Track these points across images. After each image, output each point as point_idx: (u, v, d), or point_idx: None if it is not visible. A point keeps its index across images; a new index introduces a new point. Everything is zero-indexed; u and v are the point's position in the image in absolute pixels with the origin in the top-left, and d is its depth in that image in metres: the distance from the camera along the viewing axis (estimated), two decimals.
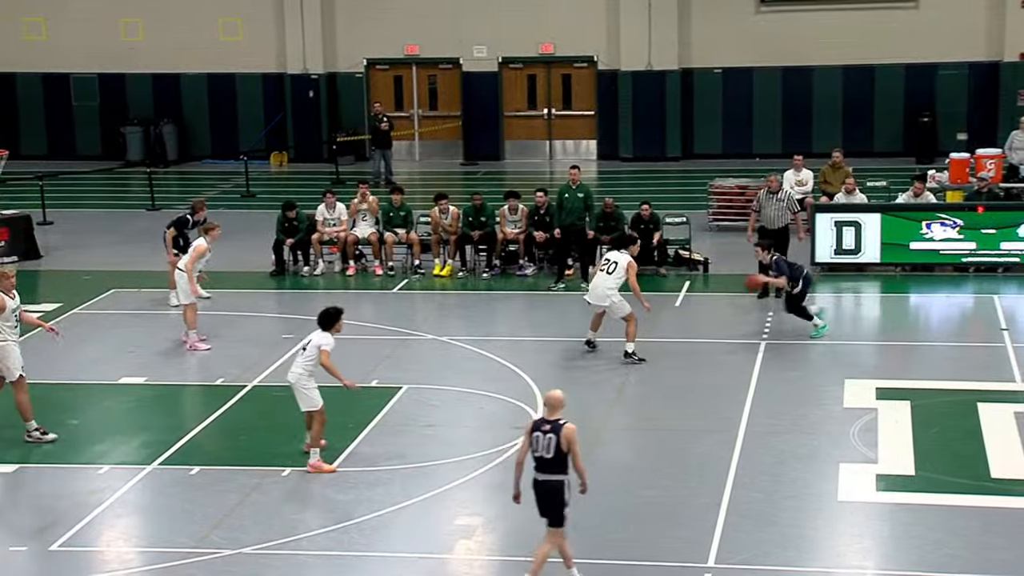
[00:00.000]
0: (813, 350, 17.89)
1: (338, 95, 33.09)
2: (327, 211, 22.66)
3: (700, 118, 31.96)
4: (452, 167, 32.25)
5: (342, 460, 14.08)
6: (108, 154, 33.03)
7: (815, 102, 31.43)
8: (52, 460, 14.25)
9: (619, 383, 16.42)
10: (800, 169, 24.70)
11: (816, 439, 14.49)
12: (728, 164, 30.02)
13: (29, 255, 23.58)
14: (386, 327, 19.13)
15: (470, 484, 13.52)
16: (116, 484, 13.64)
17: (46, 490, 13.57)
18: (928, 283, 21.18)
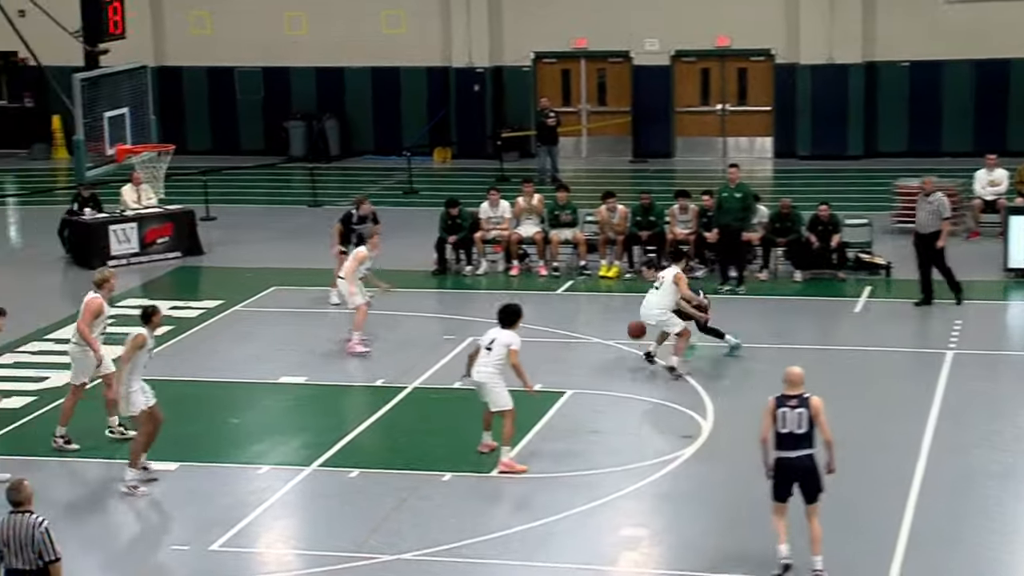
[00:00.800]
0: (1006, 362, 17.40)
1: (504, 89, 33.30)
2: (491, 209, 22.84)
3: (884, 114, 31.33)
4: (620, 164, 32.19)
5: (502, 467, 14.18)
6: (271, 149, 33.81)
7: (1011, 97, 30.53)
8: (213, 459, 14.66)
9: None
10: (993, 169, 24.06)
11: (1011, 456, 14.09)
12: (914, 163, 29.34)
13: (192, 251, 24.28)
14: (550, 329, 19.19)
15: (636, 494, 13.50)
16: (276, 485, 13.97)
17: (207, 489, 13.96)
18: None
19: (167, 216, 24.27)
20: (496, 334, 14.19)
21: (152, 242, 23.93)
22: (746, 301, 20.63)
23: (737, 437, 14.88)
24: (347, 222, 20.72)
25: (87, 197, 23.92)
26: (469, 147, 33.16)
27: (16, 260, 24.26)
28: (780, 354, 17.95)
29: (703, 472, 14.09)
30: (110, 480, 14.13)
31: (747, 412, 15.74)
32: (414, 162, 30.78)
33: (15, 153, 34.45)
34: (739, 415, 15.60)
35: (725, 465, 14.19)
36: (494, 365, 14.06)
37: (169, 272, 23.40)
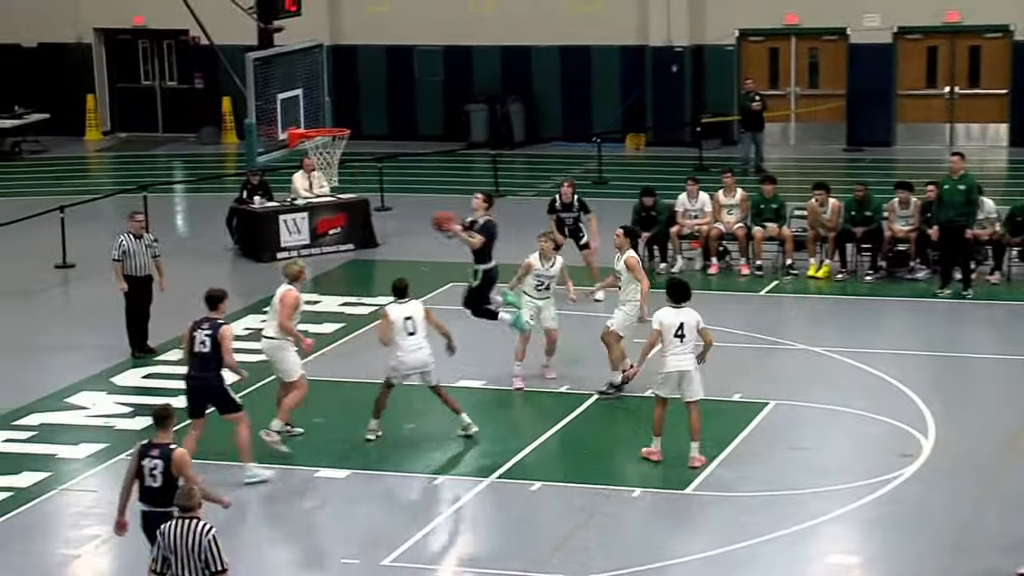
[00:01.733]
0: None
1: (704, 70, 33.09)
2: (688, 201, 22.74)
3: None
4: (833, 153, 31.72)
5: (698, 483, 14.13)
6: (451, 135, 34.19)
7: None
8: (385, 467, 14.90)
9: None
10: None
11: None
12: None
13: (366, 243, 24.71)
14: (751, 334, 19.04)
15: (846, 517, 13.31)
16: (451, 496, 14.14)
17: (378, 499, 14.20)
18: None
19: (340, 206, 24.73)
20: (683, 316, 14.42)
21: (324, 233, 24.42)
22: (973, 307, 20.15)
23: (963, 458, 14.55)
24: (552, 210, 20.83)
25: (256, 184, 24.51)
26: (665, 133, 33.04)
27: (183, 250, 24.99)
28: (1013, 367, 17.49)
29: (922, 496, 13.81)
30: (277, 486, 14.47)
31: (974, 429, 15.41)
32: (605, 149, 30.80)
33: (183, 137, 35.55)
34: (965, 432, 15.25)
35: (947, 489, 13.88)
36: (694, 349, 14.41)
37: (341, 265, 23.86)
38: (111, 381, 17.77)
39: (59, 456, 15.40)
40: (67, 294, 22.93)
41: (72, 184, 30.16)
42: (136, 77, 36.47)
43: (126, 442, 15.50)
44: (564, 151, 32.99)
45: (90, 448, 15.55)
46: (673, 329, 14.28)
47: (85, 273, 23.15)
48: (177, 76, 36.34)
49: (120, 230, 19.14)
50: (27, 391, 17.35)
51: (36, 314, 21.19)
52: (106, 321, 20.15)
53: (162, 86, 36.48)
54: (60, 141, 34.71)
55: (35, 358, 18.96)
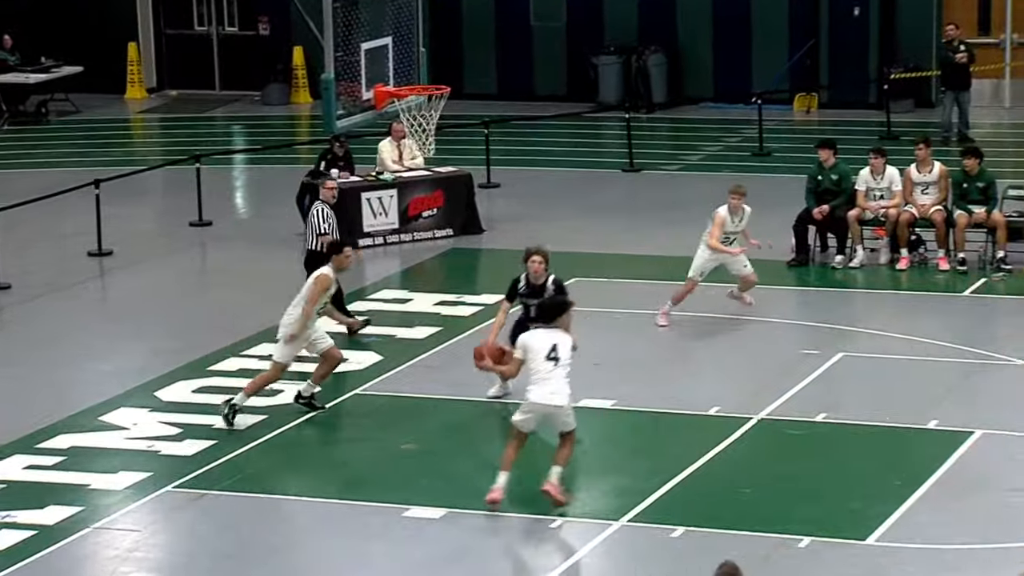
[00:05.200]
0: None
1: (895, 14, 32.80)
2: (873, 179, 22.53)
3: None
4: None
5: (885, 530, 14.00)
6: (574, 95, 34.22)
7: None
8: (490, 506, 14.90)
9: None
10: None
11: None
12: None
13: (468, 228, 24.76)
14: (952, 345, 18.83)
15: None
16: (573, 544, 14.12)
17: (481, 546, 14.21)
18: None
19: (437, 181, 24.83)
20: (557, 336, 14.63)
21: (416, 215, 24.53)
22: None
23: None
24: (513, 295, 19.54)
25: (341, 156, 24.59)
26: (843, 93, 32.84)
27: (244, 235, 25.28)
28: None
29: None
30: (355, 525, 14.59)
31: None
32: (767, 113, 30.65)
33: (246, 95, 35.96)
34: None
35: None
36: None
37: (438, 256, 23.95)
38: (155, 395, 17.99)
39: (93, 487, 15.61)
40: (103, 289, 23.27)
41: (110, 153, 30.64)
42: (189, 22, 36.95)
43: (173, 470, 15.69)
44: (716, 115, 32.87)
45: (130, 477, 15.74)
46: (544, 352, 14.40)
47: (125, 262, 23.48)
48: (238, 21, 36.76)
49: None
50: (55, 407, 17.61)
51: (65, 314, 21.51)
52: (149, 322, 20.43)
53: (220, 33, 36.91)
54: (95, 100, 35.28)
55: (63, 368, 19.25)
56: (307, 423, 16.97)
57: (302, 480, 15.68)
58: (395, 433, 16.56)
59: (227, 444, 16.37)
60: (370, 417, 17.33)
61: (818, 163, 22.68)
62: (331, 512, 14.88)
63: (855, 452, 15.99)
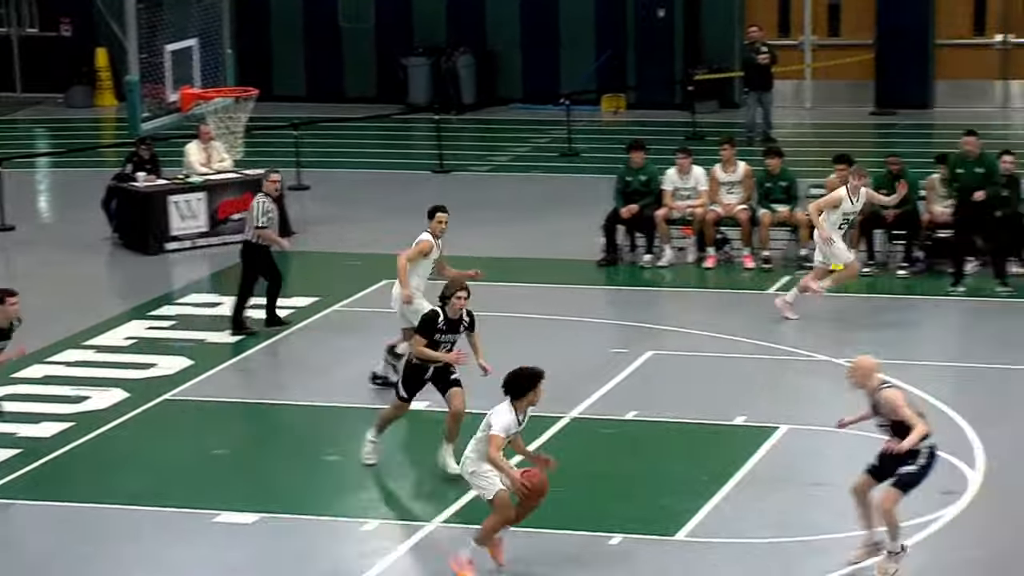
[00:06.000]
0: None
1: (699, 16, 33.18)
2: (679, 178, 22.77)
3: None
4: (859, 118, 31.88)
5: (694, 526, 14.15)
6: (384, 96, 34.17)
7: None
8: (304, 510, 14.84)
9: None
10: None
11: None
12: None
13: (279, 231, 24.58)
14: (758, 342, 19.08)
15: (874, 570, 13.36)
16: (387, 546, 14.10)
17: (297, 550, 14.14)
18: None
19: (246, 184, 24.62)
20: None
21: (226, 219, 24.33)
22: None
23: (1018, 496, 14.62)
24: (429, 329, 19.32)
25: (147, 159, 24.32)
26: (650, 94, 33.13)
27: (48, 239, 24.89)
28: None
29: (967, 542, 13.87)
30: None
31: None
32: (576, 113, 30.84)
33: (49, 97, 35.37)
34: (1021, 463, 15.34)
35: (997, 534, 13.95)
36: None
37: None
38: None
39: None
40: None
41: None
42: None
43: None
44: (525, 116, 33.01)
45: None
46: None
47: None
48: (39, 22, 36.18)
49: None
50: None
51: None
52: None
53: (20, 34, 36.29)
54: None
55: None
56: (116, 428, 16.74)
57: (111, 487, 15.46)
58: (205, 438, 16.41)
59: (32, 453, 16.11)
60: (180, 422, 17.16)
61: (627, 164, 22.88)
62: (140, 519, 14.69)
63: (665, 449, 16.16)
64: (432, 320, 15.20)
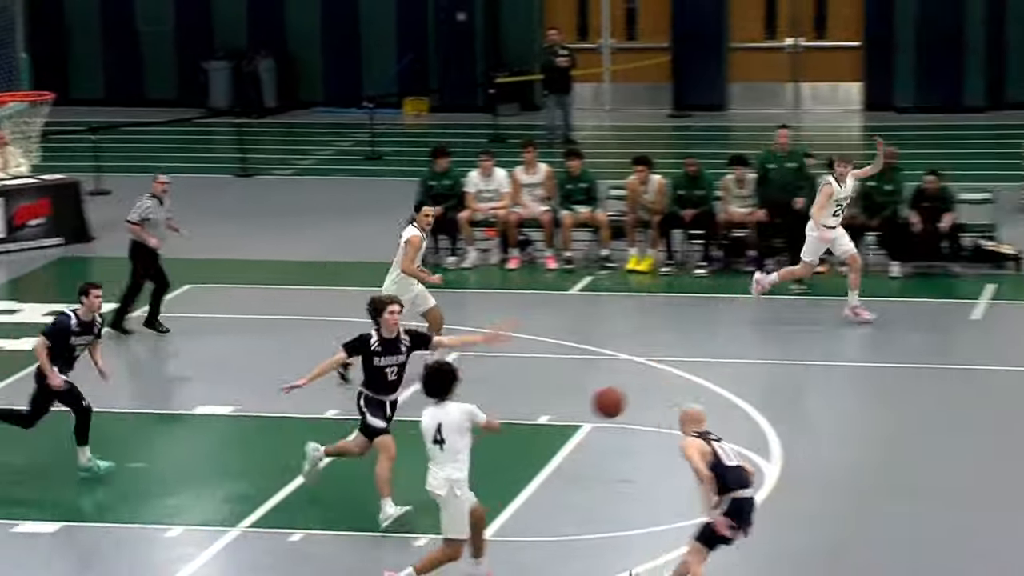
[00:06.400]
0: None
1: (499, 20, 33.32)
2: (482, 181, 22.86)
3: (1017, 51, 31.35)
4: (656, 119, 32.23)
5: (501, 524, 14.20)
6: (185, 99, 33.84)
7: None
8: (105, 518, 14.65)
9: (893, 421, 16.22)
10: None
11: None
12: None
13: (77, 237, 24.29)
14: (562, 342, 19.21)
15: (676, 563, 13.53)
16: (190, 553, 13.95)
17: (97, 558, 13.97)
18: None
19: (43, 189, 24.31)
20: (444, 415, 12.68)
21: (23, 224, 23.97)
22: (817, 303, 20.67)
23: (813, 486, 14.89)
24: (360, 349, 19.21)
25: None
26: (452, 97, 33.22)
27: None
28: (871, 374, 17.98)
29: (766, 534, 14.09)
30: None
31: (826, 451, 15.80)
32: (379, 117, 30.81)
33: None
34: (815, 455, 15.61)
35: (796, 524, 14.19)
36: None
37: (46, 265, 23.41)
38: None
39: None
40: None
41: None
42: None
43: None
44: (328, 119, 32.90)
45: None
46: (430, 433, 12.78)
47: None
48: None
49: None
50: None
51: None
52: None
53: None
54: None
55: None
56: None
57: None
58: (3, 448, 16.10)
59: None
60: None
61: (431, 168, 22.92)
62: None
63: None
64: (364, 341, 14.16)
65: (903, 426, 16.31)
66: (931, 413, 16.84)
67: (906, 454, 15.65)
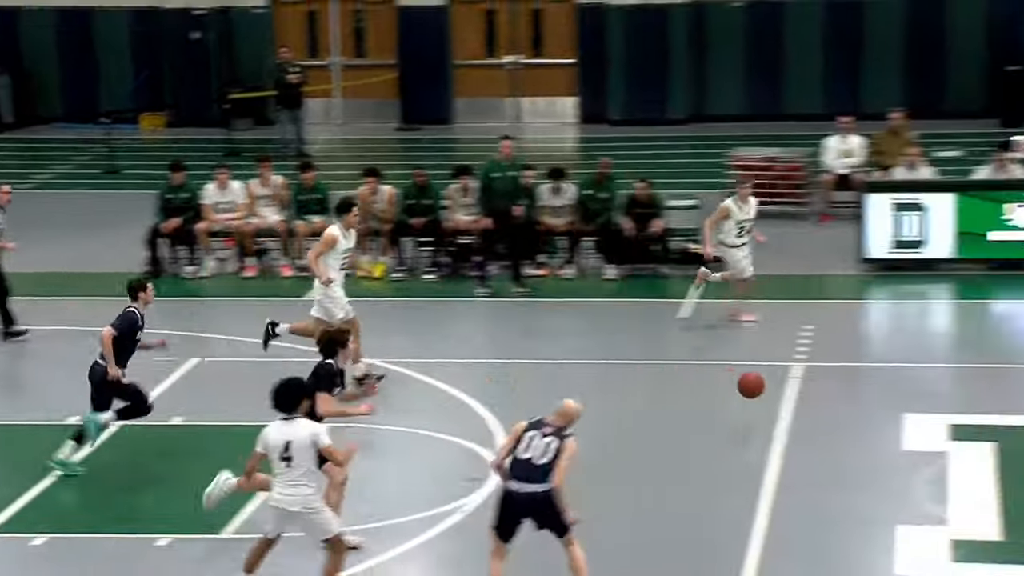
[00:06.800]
0: (864, 376, 18.02)
1: (232, 38, 33.02)
2: (218, 193, 22.63)
3: (715, 68, 32.07)
4: (385, 133, 32.23)
5: (240, 523, 14.07)
6: None
7: (867, 45, 31.58)
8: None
9: (613, 416, 16.48)
10: (848, 135, 24.86)
11: (867, 494, 14.61)
12: (752, 128, 30.15)
13: None
14: (298, 346, 19.11)
15: (407, 557, 13.55)
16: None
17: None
18: (1013, 285, 21.37)
19: None
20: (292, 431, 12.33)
21: None
22: (540, 305, 20.90)
23: None
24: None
25: None
26: (188, 112, 32.81)
27: None
28: (586, 371, 18.24)
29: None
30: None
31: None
32: (116, 132, 30.30)
33: None
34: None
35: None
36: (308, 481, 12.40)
37: None
38: None
39: None
40: None
41: None
42: None
43: None
44: (65, 135, 32.25)
45: None
46: (278, 450, 12.32)
47: None
48: None
49: None
50: None
51: None
52: None
53: None
54: None
55: None
56: None
57: None
58: None
59: None
60: None
61: (168, 181, 22.67)
62: None
63: (210, 452, 15.99)
64: (334, 374, 13.83)
65: (621, 417, 16.57)
66: (645, 403, 17.15)
67: (622, 442, 15.91)
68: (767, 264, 20.92)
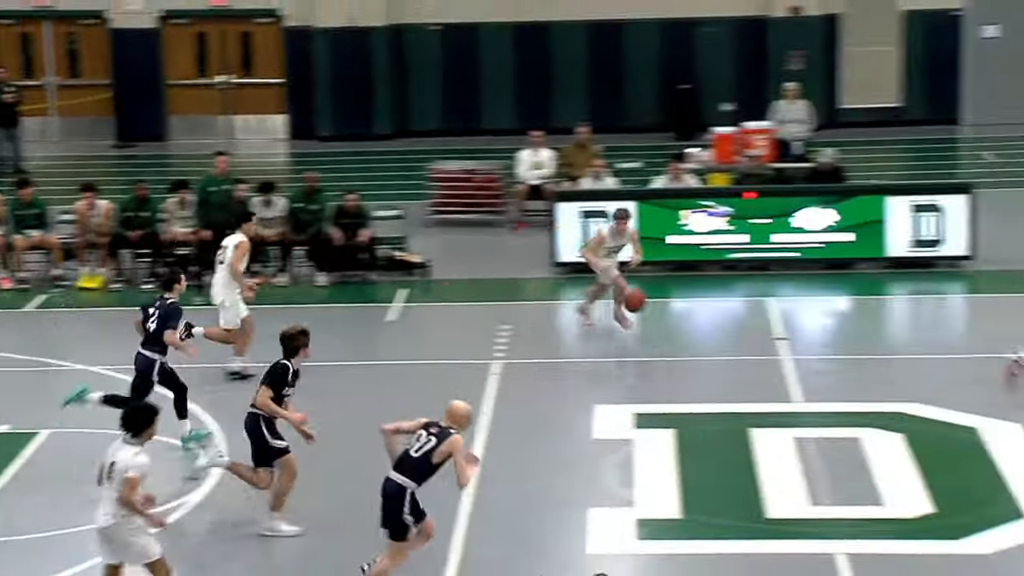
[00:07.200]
0: (558, 370, 18.46)
1: None
2: None
3: (416, 87, 32.38)
4: (101, 150, 31.73)
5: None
6: None
7: (555, 67, 32.25)
8: None
9: (323, 413, 16.53)
10: (539, 148, 25.37)
11: (562, 480, 14.98)
12: (451, 143, 30.51)
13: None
14: (21, 356, 18.78)
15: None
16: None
17: None
18: (690, 285, 22.06)
19: None
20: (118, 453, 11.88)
21: None
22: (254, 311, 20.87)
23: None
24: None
25: None
26: None
27: None
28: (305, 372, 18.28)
29: (220, 524, 14.20)
30: None
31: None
32: None
33: None
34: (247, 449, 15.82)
35: (246, 509, 14.33)
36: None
37: None
38: None
39: None
40: None
41: None
42: None
43: None
44: None
45: None
46: (102, 467, 11.95)
47: None
48: None
49: None
50: None
51: None
52: None
53: None
54: None
55: None
56: None
57: None
58: None
59: None
60: None
61: None
62: None
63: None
64: (283, 373, 13.59)
65: (332, 416, 16.66)
66: (356, 404, 17.28)
67: (333, 442, 16.01)
68: (467, 269, 21.29)
